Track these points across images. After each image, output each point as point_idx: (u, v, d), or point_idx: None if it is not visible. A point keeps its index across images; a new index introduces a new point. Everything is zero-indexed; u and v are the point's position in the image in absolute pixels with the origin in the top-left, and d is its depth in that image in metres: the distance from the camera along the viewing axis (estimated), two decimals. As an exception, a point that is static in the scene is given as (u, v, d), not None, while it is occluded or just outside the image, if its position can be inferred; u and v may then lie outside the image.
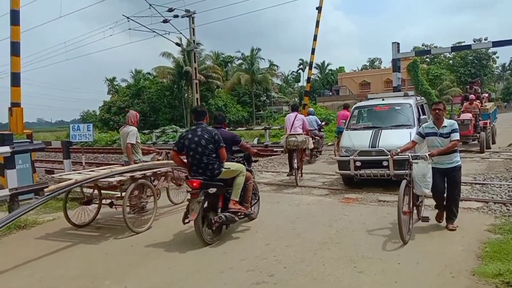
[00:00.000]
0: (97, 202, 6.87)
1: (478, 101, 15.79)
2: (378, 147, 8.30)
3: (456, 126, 5.53)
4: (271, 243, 5.37)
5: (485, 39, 56.92)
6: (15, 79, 9.37)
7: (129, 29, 24.91)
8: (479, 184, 8.55)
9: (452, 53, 59.65)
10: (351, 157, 8.44)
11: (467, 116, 14.37)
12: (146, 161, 7.51)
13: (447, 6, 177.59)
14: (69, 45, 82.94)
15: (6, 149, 6.73)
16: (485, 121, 14.83)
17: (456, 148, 5.56)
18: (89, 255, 5.30)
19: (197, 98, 28.01)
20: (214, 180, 5.53)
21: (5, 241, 6.08)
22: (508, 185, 8.18)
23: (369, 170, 8.26)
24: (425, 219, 5.77)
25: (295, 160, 9.82)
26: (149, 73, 59.88)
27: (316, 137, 13.60)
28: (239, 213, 5.77)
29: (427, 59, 64.65)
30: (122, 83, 63.90)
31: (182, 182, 7.66)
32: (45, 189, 6.08)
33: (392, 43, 19.27)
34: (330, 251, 4.95)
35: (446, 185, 5.65)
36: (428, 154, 5.33)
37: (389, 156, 6.03)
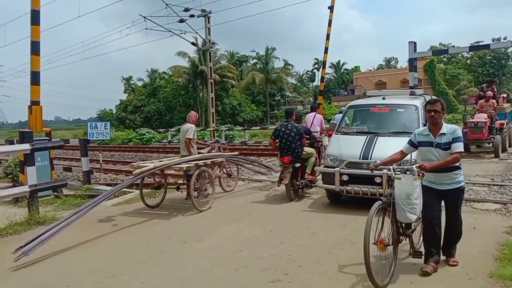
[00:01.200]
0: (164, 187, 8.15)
1: (494, 100, 14.66)
2: (371, 158, 6.59)
3: (459, 133, 4.17)
4: (286, 242, 5.39)
5: (504, 38, 55.86)
6: (35, 78, 9.51)
7: (146, 28, 25.17)
8: (497, 185, 8.43)
9: (470, 52, 58.72)
10: (336, 169, 6.96)
11: (482, 117, 13.31)
12: (202, 153, 8.86)
13: (466, 3, 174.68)
14: (87, 44, 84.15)
15: (26, 146, 6.87)
16: (502, 122, 13.90)
17: (458, 163, 4.20)
18: (107, 251, 5.38)
19: (212, 98, 28.15)
20: (298, 158, 7.98)
21: (25, 236, 6.19)
22: (527, 187, 8.06)
23: (358, 187, 6.76)
24: (417, 254, 4.38)
25: None
26: (164, 73, 60.35)
27: None
28: (310, 181, 8.26)
29: (444, 59, 63.73)
30: (138, 82, 64.55)
31: (233, 172, 9.82)
32: (133, 172, 7.29)
33: (409, 42, 19.09)
34: (345, 251, 4.94)
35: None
36: (418, 166, 4.08)
37: (384, 171, 4.55)
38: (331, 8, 21.06)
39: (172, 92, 54.05)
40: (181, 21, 24.95)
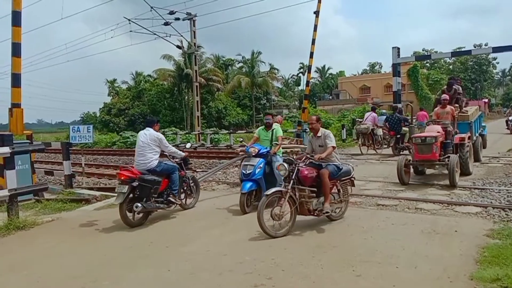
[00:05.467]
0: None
1: (457, 105, 11.50)
2: None
3: None
4: (270, 246, 5.37)
5: (486, 45, 57.12)
6: (16, 80, 9.39)
7: (130, 31, 25.06)
8: (478, 189, 8.56)
9: (452, 58, 59.78)
10: None
11: (433, 130, 9.77)
12: (285, 143, 11.78)
13: (449, 10, 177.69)
14: (70, 47, 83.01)
15: (6, 149, 6.74)
16: (462, 136, 10.09)
17: None
18: (89, 256, 5.30)
19: (197, 101, 28.07)
20: None
21: (5, 241, 6.08)
22: (507, 190, 8.20)
23: None
24: None
25: (365, 141, 16.12)
26: (149, 75, 59.98)
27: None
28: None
29: (427, 64, 64.82)
30: (122, 85, 64.04)
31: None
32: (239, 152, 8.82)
33: (392, 48, 19.36)
34: (328, 255, 4.95)
35: None
36: None
37: None
38: (316, 13, 21.25)
39: (157, 95, 53.70)
40: (166, 24, 24.89)
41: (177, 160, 7.59)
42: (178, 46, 28.82)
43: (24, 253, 5.49)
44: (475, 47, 58.18)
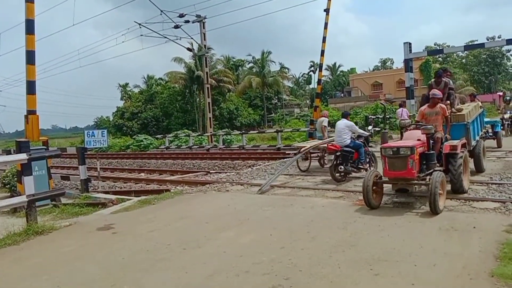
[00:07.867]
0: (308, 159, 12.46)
1: (448, 102, 9.02)
2: None
3: None
4: (286, 246, 5.37)
5: (499, 37, 56.25)
6: (31, 87, 9.52)
7: (141, 35, 25.35)
8: (496, 184, 8.43)
9: (465, 52, 59.04)
10: None
11: (413, 137, 7.51)
12: (332, 136, 12.93)
13: (462, 3, 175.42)
14: (82, 52, 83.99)
15: (23, 156, 6.85)
16: (454, 144, 7.58)
17: None
18: (107, 260, 5.35)
19: (208, 102, 28.19)
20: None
21: (24, 246, 6.17)
22: (525, 184, 8.04)
23: None
24: None
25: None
26: (161, 79, 60.49)
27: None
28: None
29: (440, 59, 64.09)
30: (134, 89, 64.76)
31: None
32: (300, 150, 12.07)
33: (404, 43, 19.18)
34: (346, 254, 4.93)
35: None
36: None
37: None
38: (327, 10, 21.23)
39: (168, 98, 54.07)
40: (176, 27, 25.06)
41: (361, 140, 10.60)
42: (188, 49, 29.04)
43: (43, 258, 5.56)
44: (488, 39, 57.26)
